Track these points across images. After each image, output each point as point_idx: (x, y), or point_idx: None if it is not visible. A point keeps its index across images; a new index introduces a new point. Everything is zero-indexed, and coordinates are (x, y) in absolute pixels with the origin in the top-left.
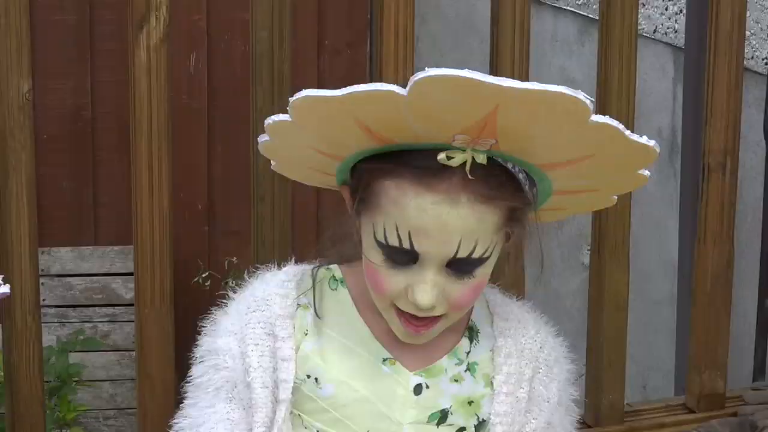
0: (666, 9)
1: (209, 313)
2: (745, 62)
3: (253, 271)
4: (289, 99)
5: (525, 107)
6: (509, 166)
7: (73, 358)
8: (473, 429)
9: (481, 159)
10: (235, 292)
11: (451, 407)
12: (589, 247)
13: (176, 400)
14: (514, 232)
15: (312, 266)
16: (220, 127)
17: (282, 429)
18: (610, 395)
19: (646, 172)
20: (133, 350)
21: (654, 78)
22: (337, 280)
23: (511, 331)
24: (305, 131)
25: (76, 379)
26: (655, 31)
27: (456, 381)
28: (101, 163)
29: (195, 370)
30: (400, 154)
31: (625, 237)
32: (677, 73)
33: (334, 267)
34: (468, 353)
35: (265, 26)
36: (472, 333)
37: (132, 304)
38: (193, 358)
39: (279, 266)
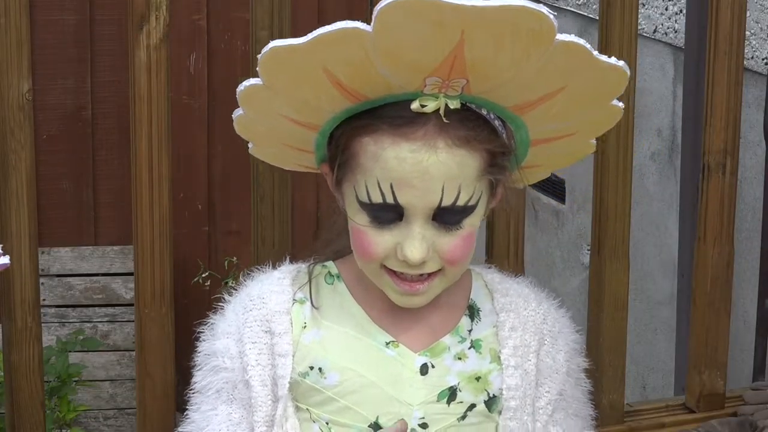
0: (666, 9)
1: (206, 319)
2: (745, 62)
3: (249, 273)
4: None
5: (490, 32)
6: (484, 112)
7: (73, 358)
8: (483, 405)
9: (455, 104)
10: (231, 295)
11: (458, 384)
12: (589, 247)
13: (176, 400)
14: (499, 182)
15: (308, 263)
16: (220, 127)
17: (285, 426)
18: (610, 395)
19: (620, 104)
20: (133, 350)
21: (654, 78)
22: (333, 276)
23: (512, 305)
24: (278, 95)
25: (76, 379)
26: (655, 31)
27: (460, 359)
28: (101, 163)
29: (196, 377)
30: (374, 110)
31: (625, 237)
32: (677, 73)
33: (330, 263)
34: (470, 331)
35: (265, 26)
36: (472, 311)
37: (132, 304)
38: (194, 366)
39: (274, 266)
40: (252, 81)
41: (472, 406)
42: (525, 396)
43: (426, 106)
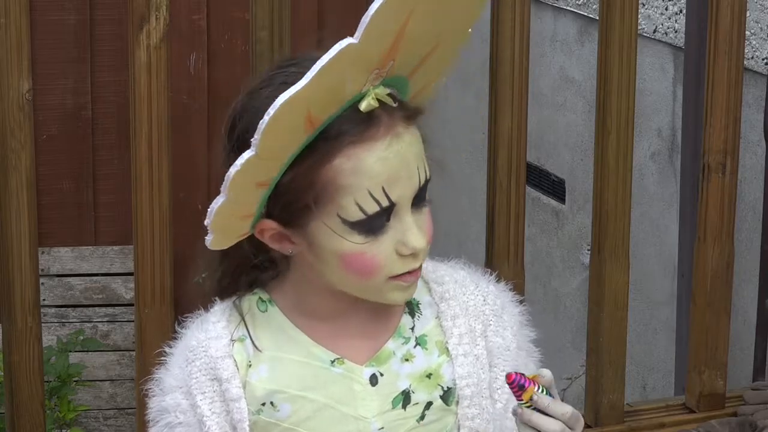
0: (666, 9)
1: (152, 377)
2: (745, 62)
3: (183, 321)
4: (265, 118)
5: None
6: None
7: (73, 358)
8: (440, 400)
9: (383, 89)
10: (171, 347)
11: (410, 386)
12: (589, 247)
13: None
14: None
15: (234, 300)
16: (220, 127)
17: None
18: (610, 395)
19: None
20: (133, 350)
21: (654, 78)
22: (264, 301)
23: (450, 293)
24: (263, 161)
25: (76, 379)
26: (655, 31)
27: (407, 360)
28: (101, 163)
29: None
30: (324, 135)
31: (625, 237)
32: (677, 73)
33: (258, 290)
34: (413, 328)
35: (265, 26)
36: (412, 308)
37: (132, 304)
38: (147, 423)
39: (206, 309)
40: (245, 156)
41: (429, 404)
42: (480, 381)
43: (371, 103)
